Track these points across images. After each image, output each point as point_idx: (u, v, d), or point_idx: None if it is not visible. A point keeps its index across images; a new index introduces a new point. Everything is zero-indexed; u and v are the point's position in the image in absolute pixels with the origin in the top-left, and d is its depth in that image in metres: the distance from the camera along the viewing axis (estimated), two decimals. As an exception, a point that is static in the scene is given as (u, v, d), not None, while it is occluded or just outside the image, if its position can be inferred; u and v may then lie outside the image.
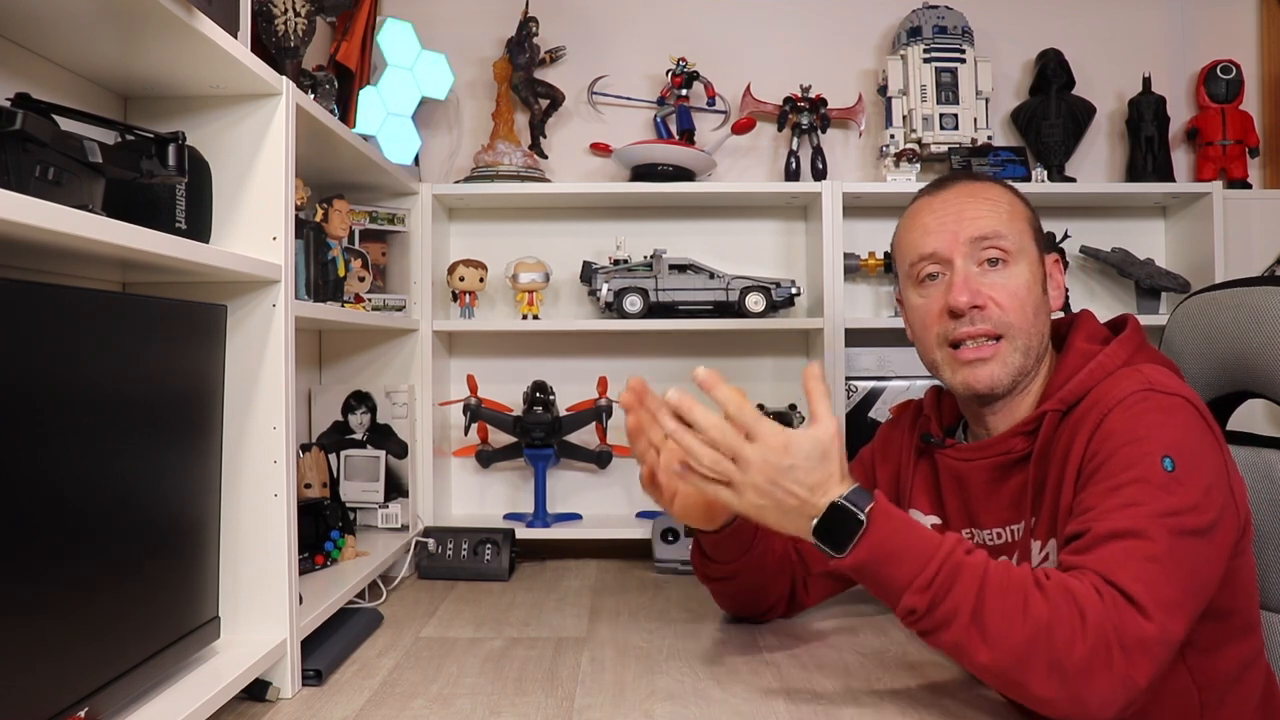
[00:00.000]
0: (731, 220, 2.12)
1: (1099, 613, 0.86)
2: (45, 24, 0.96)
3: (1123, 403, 0.99)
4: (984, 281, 1.10)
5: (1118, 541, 0.90)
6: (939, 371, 1.15)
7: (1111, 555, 0.90)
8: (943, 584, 0.90)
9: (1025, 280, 1.10)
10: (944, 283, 1.12)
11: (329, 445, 1.80)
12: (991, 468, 1.13)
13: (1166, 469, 0.94)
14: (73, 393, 0.82)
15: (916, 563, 0.92)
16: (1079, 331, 1.14)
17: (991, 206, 1.12)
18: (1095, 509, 0.94)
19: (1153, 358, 1.10)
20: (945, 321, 1.11)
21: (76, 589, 0.83)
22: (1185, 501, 0.92)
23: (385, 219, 1.88)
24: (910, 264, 1.16)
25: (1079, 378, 1.07)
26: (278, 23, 1.39)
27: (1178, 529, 0.91)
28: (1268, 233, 1.99)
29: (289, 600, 1.15)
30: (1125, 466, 0.95)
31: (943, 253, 1.11)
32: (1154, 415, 0.98)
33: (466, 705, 1.09)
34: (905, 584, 0.92)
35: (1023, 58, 2.17)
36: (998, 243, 1.10)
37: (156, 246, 0.89)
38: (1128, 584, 0.87)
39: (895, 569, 0.92)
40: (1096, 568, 0.89)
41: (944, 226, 1.12)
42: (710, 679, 1.16)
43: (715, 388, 0.98)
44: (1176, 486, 0.93)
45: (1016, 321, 1.09)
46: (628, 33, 2.17)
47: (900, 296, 1.23)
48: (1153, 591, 0.87)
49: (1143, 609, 0.86)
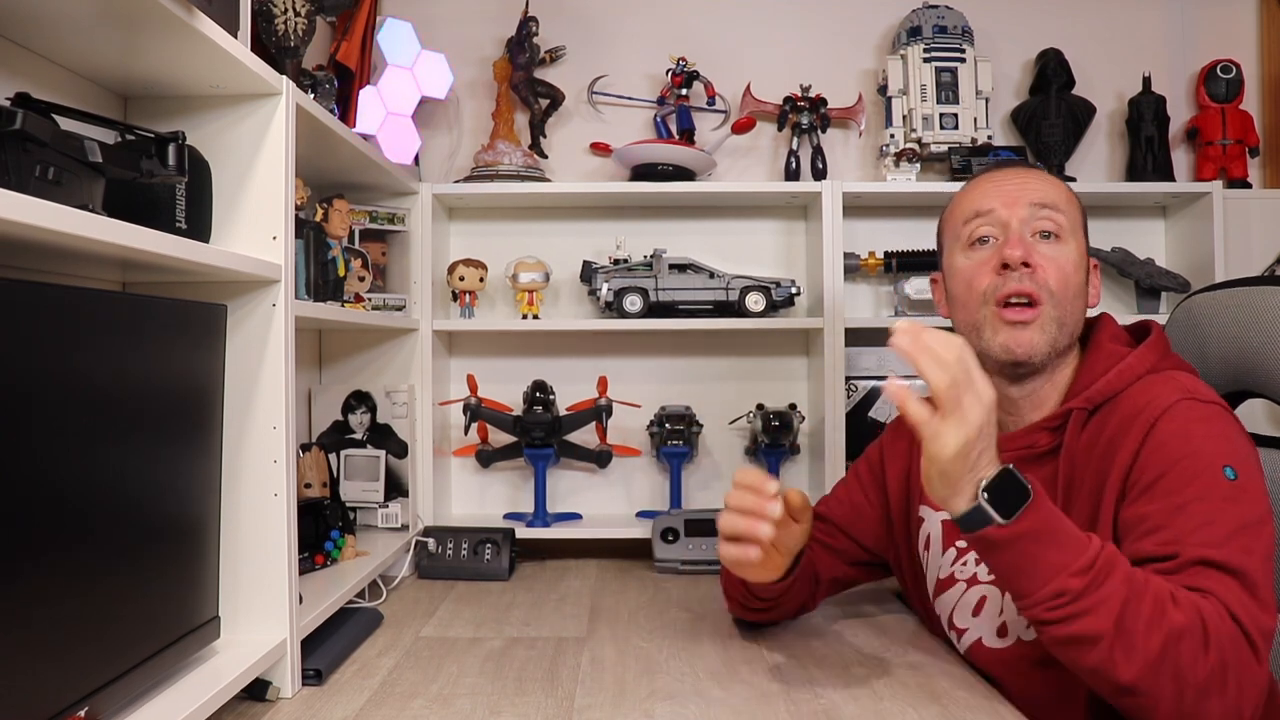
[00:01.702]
0: (731, 220, 2.12)
1: (1220, 635, 0.87)
2: (45, 24, 0.96)
3: (1169, 412, 1.00)
4: (1037, 249, 1.11)
5: (1214, 571, 0.90)
6: (979, 333, 1.13)
7: (1215, 583, 0.90)
8: (1101, 572, 0.89)
9: (1074, 259, 1.12)
10: (996, 246, 1.13)
11: (329, 445, 1.80)
12: (1011, 461, 1.12)
13: (1230, 478, 0.94)
14: (73, 392, 0.82)
15: (1075, 547, 0.90)
16: (1103, 331, 1.15)
17: (1051, 184, 1.16)
18: (1166, 528, 0.94)
19: (1179, 364, 1.11)
20: (994, 277, 1.12)
21: (76, 589, 0.83)
22: (1253, 510, 0.94)
23: (385, 219, 1.88)
24: (964, 222, 1.16)
25: (1107, 378, 1.07)
26: (278, 22, 1.39)
27: (1255, 545, 0.92)
28: (1268, 232, 1.99)
29: (289, 600, 1.15)
30: (1188, 480, 0.95)
31: (1001, 214, 1.13)
32: (1202, 425, 0.99)
33: (466, 705, 1.09)
34: (1061, 565, 0.90)
35: (1023, 57, 2.17)
36: (1054, 215, 1.12)
37: (157, 246, 0.89)
38: (1241, 615, 0.88)
39: (1054, 547, 0.90)
40: (1212, 577, 0.90)
41: (1004, 191, 1.14)
42: (710, 679, 1.16)
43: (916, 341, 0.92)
44: (1242, 495, 0.94)
45: (1060, 292, 1.10)
46: (628, 33, 2.17)
47: (935, 277, 1.24)
48: (1259, 625, 0.88)
49: (1254, 645, 0.88)
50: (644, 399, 2.03)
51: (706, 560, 1.79)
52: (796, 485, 2.05)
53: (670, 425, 1.97)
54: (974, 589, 1.16)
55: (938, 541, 1.23)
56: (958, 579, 1.19)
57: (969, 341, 1.14)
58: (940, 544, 1.22)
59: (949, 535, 1.21)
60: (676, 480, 2.00)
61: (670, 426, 1.97)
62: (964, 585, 1.18)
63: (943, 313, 1.23)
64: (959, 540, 1.20)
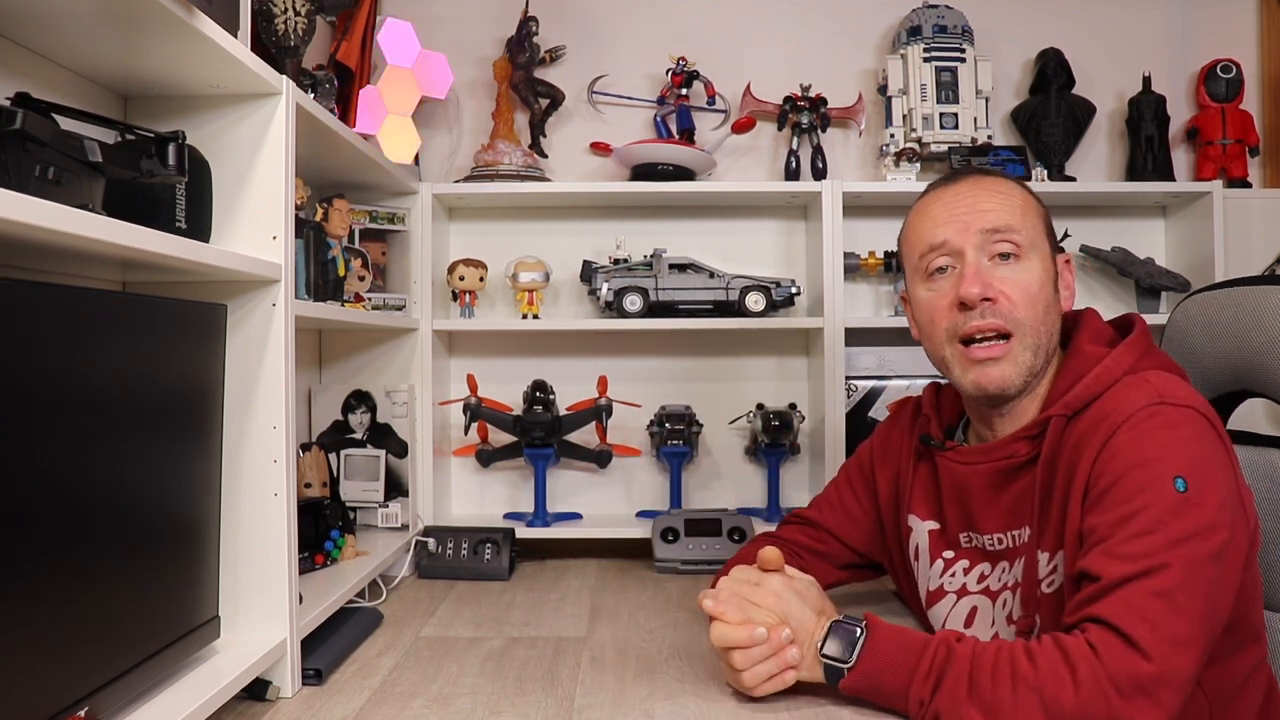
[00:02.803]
0: (731, 220, 2.12)
1: (1090, 663, 0.86)
2: (45, 24, 0.96)
3: (1130, 419, 0.97)
4: (995, 275, 1.07)
5: (1130, 584, 0.89)
6: (949, 369, 1.11)
7: (1121, 600, 0.89)
8: (940, 666, 0.93)
9: (1037, 276, 1.08)
10: (954, 276, 1.09)
11: (329, 445, 1.80)
12: (994, 472, 1.11)
13: (1179, 490, 0.92)
14: (73, 392, 0.82)
15: (915, 655, 0.96)
16: (1083, 332, 1.11)
17: (1004, 200, 1.10)
18: (1108, 539, 0.93)
19: (1160, 362, 1.07)
20: (955, 315, 1.08)
21: (76, 589, 0.83)
22: (1199, 523, 0.91)
23: (385, 218, 1.88)
24: (919, 255, 1.12)
25: (1085, 382, 1.04)
26: (278, 22, 1.39)
27: (1193, 556, 0.90)
28: (1268, 232, 1.99)
29: (289, 600, 1.15)
30: (1136, 490, 0.93)
31: (954, 243, 1.08)
32: (1162, 433, 0.96)
33: (466, 705, 1.09)
34: (910, 671, 0.95)
35: (1023, 57, 2.17)
36: (1010, 236, 1.07)
37: (157, 246, 0.89)
38: (1131, 626, 0.87)
39: (898, 666, 0.96)
40: (1104, 615, 0.89)
41: (955, 217, 1.09)
42: (710, 679, 1.16)
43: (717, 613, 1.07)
44: (1189, 508, 0.91)
45: (1027, 318, 1.06)
46: (628, 32, 2.17)
47: (904, 295, 1.21)
48: (1157, 631, 0.86)
49: (1142, 650, 0.86)
50: (644, 399, 2.03)
51: (706, 560, 1.79)
52: (796, 485, 2.07)
53: (670, 425, 1.97)
54: (964, 600, 1.15)
55: (925, 553, 1.21)
56: (947, 590, 1.17)
57: (941, 372, 1.14)
58: (928, 556, 1.21)
59: (935, 546, 1.20)
60: (676, 480, 2.00)
61: (670, 426, 1.97)
62: (954, 597, 1.16)
63: (915, 335, 1.19)
64: (946, 550, 1.18)
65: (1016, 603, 1.07)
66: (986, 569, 1.13)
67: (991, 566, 1.12)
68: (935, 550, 1.20)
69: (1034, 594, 1.04)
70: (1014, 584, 1.08)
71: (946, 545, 1.18)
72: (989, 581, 1.12)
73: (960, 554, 1.16)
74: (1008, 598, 1.09)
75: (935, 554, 1.19)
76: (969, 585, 1.15)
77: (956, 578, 1.17)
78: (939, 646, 0.95)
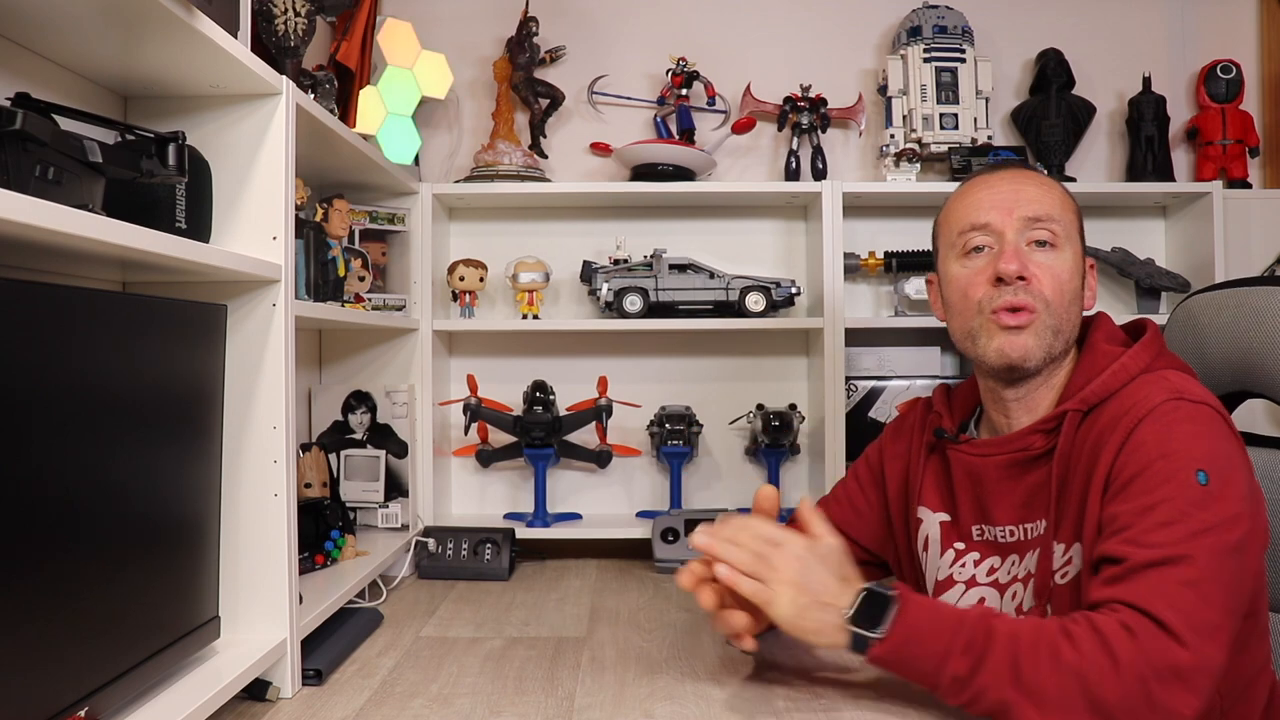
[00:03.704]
0: (731, 220, 2.12)
1: (1130, 650, 0.87)
2: (45, 24, 0.96)
3: (1153, 412, 0.99)
4: (1032, 259, 1.11)
5: (1156, 570, 0.90)
6: (974, 340, 1.14)
7: (1149, 585, 0.90)
8: (979, 643, 0.92)
9: (1069, 267, 1.12)
10: (990, 255, 1.13)
11: (329, 445, 1.80)
12: (1008, 464, 1.13)
13: (1201, 483, 0.94)
14: (73, 392, 0.82)
15: (952, 628, 0.94)
16: (1099, 331, 1.15)
17: (1046, 192, 1.14)
18: (1131, 528, 0.94)
19: (1173, 363, 1.10)
20: (989, 289, 1.12)
21: (76, 589, 0.83)
22: (1221, 515, 0.92)
23: (385, 219, 1.88)
24: (959, 233, 1.16)
25: (1102, 379, 1.07)
26: (278, 22, 1.39)
27: (1215, 548, 0.91)
28: (1268, 232, 1.99)
29: (289, 600, 1.15)
30: (1160, 482, 0.95)
31: (996, 225, 1.12)
32: (1185, 426, 0.98)
33: (466, 705, 1.09)
34: (946, 650, 0.93)
35: (1023, 57, 2.17)
36: (1049, 225, 1.11)
37: (157, 246, 0.89)
38: (1163, 612, 0.87)
39: (933, 637, 0.94)
40: (1133, 600, 0.89)
41: (999, 202, 1.13)
42: (710, 679, 1.16)
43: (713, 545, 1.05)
44: (1212, 501, 0.93)
45: (1055, 302, 1.10)
46: (628, 33, 2.17)
47: (931, 277, 1.24)
48: (1189, 618, 0.87)
49: (1178, 637, 0.86)
50: (644, 399, 2.03)
51: (706, 560, 1.78)
52: (796, 485, 2.07)
53: (670, 425, 1.97)
54: (973, 590, 1.16)
55: (936, 543, 1.23)
56: (956, 580, 1.19)
57: (964, 349, 1.17)
58: (939, 545, 1.22)
59: (947, 536, 1.21)
60: (676, 480, 2.00)
61: (670, 426, 1.97)
62: (963, 587, 1.18)
63: (939, 315, 1.23)
64: (957, 541, 1.20)
65: (1027, 594, 1.09)
66: (996, 562, 1.14)
67: (1001, 560, 1.14)
68: (946, 540, 1.21)
69: (1047, 584, 1.06)
70: (1024, 576, 1.10)
71: (958, 537, 1.19)
72: (998, 574, 1.14)
73: (971, 546, 1.18)
74: (1017, 589, 1.11)
75: (946, 544, 1.21)
76: (979, 577, 1.16)
77: (966, 569, 1.18)
78: (978, 622, 0.94)
